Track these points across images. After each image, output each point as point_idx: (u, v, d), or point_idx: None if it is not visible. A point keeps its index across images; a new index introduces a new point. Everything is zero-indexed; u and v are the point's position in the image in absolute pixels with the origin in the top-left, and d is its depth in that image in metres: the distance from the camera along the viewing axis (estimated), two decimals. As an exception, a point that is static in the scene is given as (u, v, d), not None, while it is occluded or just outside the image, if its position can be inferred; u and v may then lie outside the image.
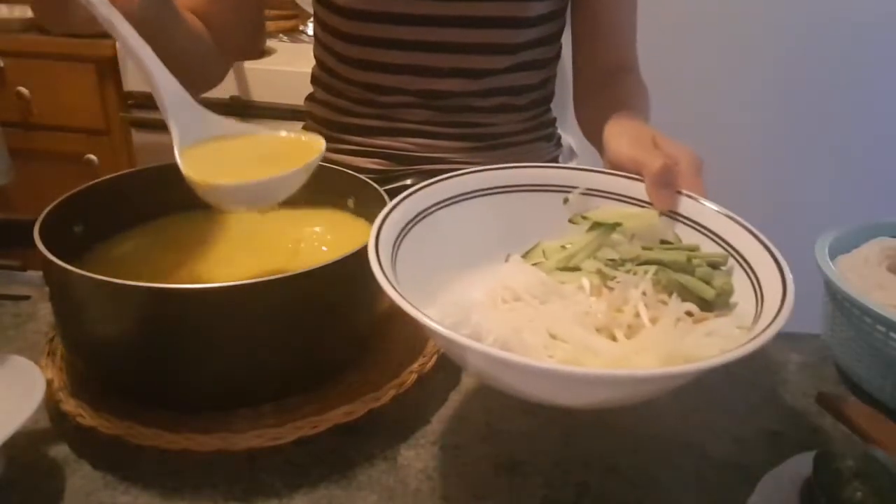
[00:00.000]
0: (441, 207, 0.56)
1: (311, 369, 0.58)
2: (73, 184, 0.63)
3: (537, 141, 0.95)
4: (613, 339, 0.48)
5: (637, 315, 0.49)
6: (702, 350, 0.46)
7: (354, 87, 0.89)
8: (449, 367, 0.63)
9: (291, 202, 0.72)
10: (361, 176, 0.68)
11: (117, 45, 1.68)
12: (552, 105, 0.99)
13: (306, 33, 1.92)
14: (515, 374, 0.42)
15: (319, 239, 0.69)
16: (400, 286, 0.45)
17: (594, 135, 0.85)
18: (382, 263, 0.47)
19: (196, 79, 0.80)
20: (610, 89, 0.85)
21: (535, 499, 0.51)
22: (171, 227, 0.69)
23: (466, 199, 0.58)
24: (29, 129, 1.82)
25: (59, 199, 0.61)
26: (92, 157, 1.82)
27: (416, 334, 0.65)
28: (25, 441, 0.52)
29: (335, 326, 0.58)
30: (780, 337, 0.69)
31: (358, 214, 0.70)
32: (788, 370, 0.66)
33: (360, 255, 0.56)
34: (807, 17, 1.77)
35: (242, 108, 1.66)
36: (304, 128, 0.99)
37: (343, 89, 0.90)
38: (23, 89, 1.77)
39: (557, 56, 0.94)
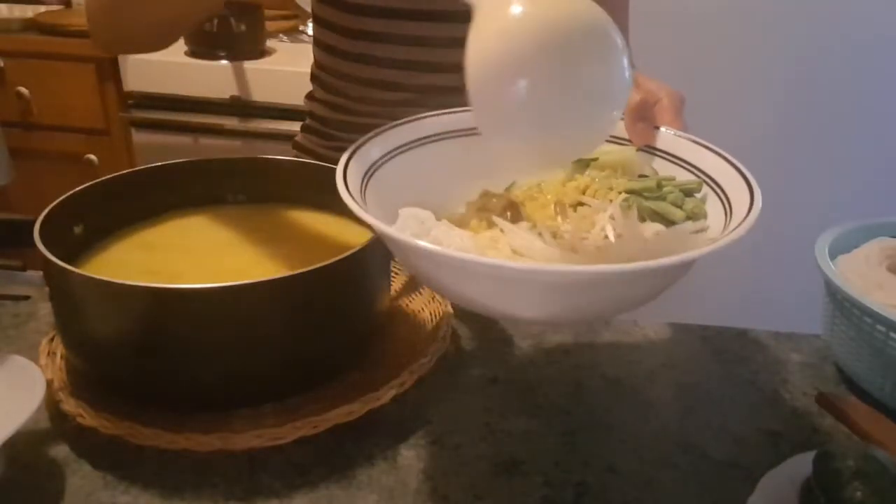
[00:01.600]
0: (416, 146, 0.55)
1: (311, 369, 0.58)
2: (73, 184, 0.63)
3: None
4: None
5: (605, 238, 0.48)
6: (663, 254, 0.44)
7: (353, 83, 0.89)
8: (449, 366, 0.63)
9: (291, 202, 0.72)
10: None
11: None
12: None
13: (306, 33, 1.92)
14: (463, 273, 0.41)
15: (319, 239, 0.69)
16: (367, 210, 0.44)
17: None
18: (349, 185, 0.46)
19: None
20: None
21: (535, 499, 0.51)
22: (170, 226, 0.69)
23: (442, 139, 0.57)
24: (29, 129, 1.82)
25: (59, 199, 0.61)
26: (92, 157, 1.82)
27: (416, 334, 0.65)
28: (25, 441, 0.52)
29: (335, 326, 0.58)
30: (780, 337, 0.70)
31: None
32: (788, 370, 0.66)
33: (360, 256, 0.56)
34: (807, 17, 1.77)
35: (242, 108, 1.66)
36: (303, 127, 0.99)
37: (342, 87, 0.90)
38: (23, 89, 1.77)
39: None
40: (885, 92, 1.82)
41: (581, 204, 0.52)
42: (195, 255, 0.65)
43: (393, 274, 0.70)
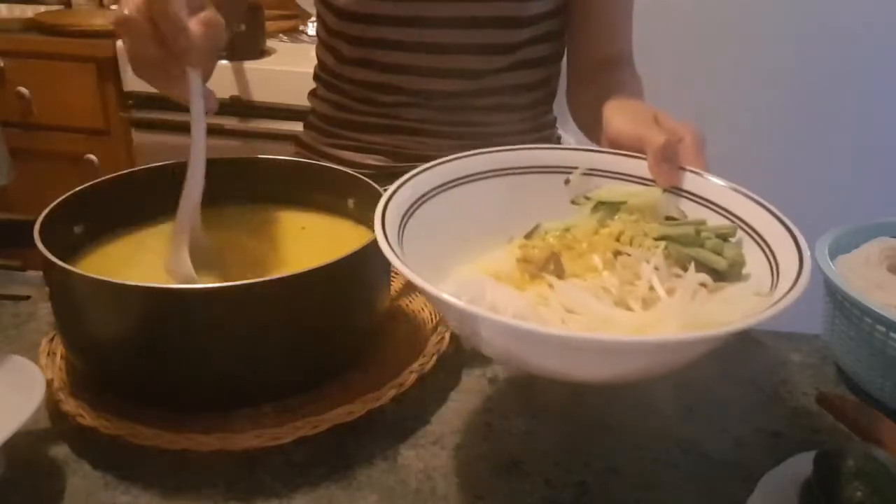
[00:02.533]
0: (442, 191, 0.55)
1: (311, 369, 0.58)
2: (73, 184, 0.63)
3: (536, 141, 0.95)
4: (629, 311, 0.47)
5: (651, 289, 0.48)
6: (722, 316, 0.44)
7: (354, 86, 0.89)
8: (449, 366, 0.63)
9: (291, 202, 0.72)
10: (362, 176, 0.68)
11: (118, 45, 1.69)
12: (553, 105, 0.99)
13: (306, 33, 1.92)
14: (536, 345, 0.41)
15: (319, 239, 0.69)
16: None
17: (585, 123, 0.85)
18: (391, 242, 0.46)
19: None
20: (604, 77, 0.85)
21: (535, 499, 0.51)
22: (170, 226, 0.69)
23: (466, 182, 0.57)
24: (29, 129, 1.82)
25: (59, 199, 0.61)
26: (92, 157, 1.82)
27: (416, 334, 0.65)
28: (25, 441, 0.52)
29: (335, 326, 0.58)
30: (780, 337, 0.70)
31: (358, 215, 0.70)
32: (788, 370, 0.66)
33: (360, 255, 0.56)
34: (807, 16, 1.77)
35: (242, 108, 1.66)
36: (306, 124, 0.99)
37: (344, 88, 0.91)
38: (23, 89, 1.77)
39: (559, 54, 0.94)
40: (885, 92, 1.82)
41: (619, 253, 0.52)
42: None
43: (393, 274, 0.70)
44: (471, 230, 0.55)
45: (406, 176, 0.54)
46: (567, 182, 0.59)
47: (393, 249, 0.45)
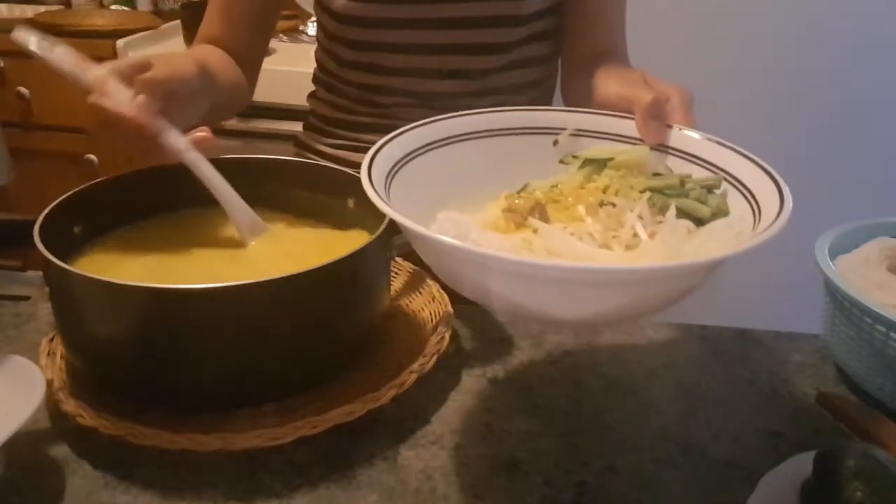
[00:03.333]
0: (429, 150, 0.55)
1: (312, 369, 0.58)
2: (73, 184, 0.63)
3: None
4: None
5: (635, 235, 0.48)
6: (704, 251, 0.45)
7: (353, 88, 0.89)
8: (449, 366, 0.63)
9: (291, 202, 0.72)
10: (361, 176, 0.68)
11: (118, 45, 1.69)
12: (552, 104, 0.99)
13: (306, 33, 1.91)
14: (516, 277, 0.41)
15: (319, 239, 0.69)
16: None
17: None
18: (376, 186, 0.46)
19: (234, 110, 0.92)
20: (596, 66, 0.85)
21: (535, 499, 0.51)
22: (171, 226, 0.69)
23: (455, 141, 0.57)
24: (29, 129, 1.82)
25: (59, 199, 0.61)
26: (92, 157, 1.82)
27: (416, 334, 0.65)
28: (25, 441, 0.52)
29: (335, 326, 0.58)
30: (780, 337, 0.70)
31: (358, 215, 0.70)
32: (788, 370, 0.66)
33: (360, 255, 0.56)
34: (807, 15, 1.77)
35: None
36: (305, 125, 0.99)
37: (342, 90, 0.91)
38: (23, 89, 1.77)
39: (556, 53, 0.94)
40: (886, 91, 1.82)
41: (605, 203, 0.52)
42: (195, 255, 0.65)
43: (393, 274, 0.70)
44: (459, 188, 0.55)
45: (394, 133, 0.54)
46: (556, 143, 0.59)
47: (378, 193, 0.45)
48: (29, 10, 1.91)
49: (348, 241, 0.61)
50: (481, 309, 0.72)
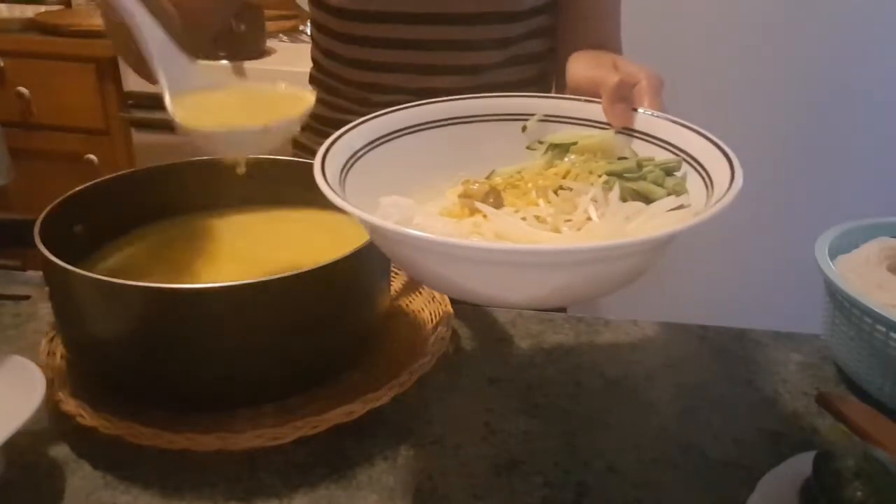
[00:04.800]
0: (397, 137, 0.55)
1: (312, 369, 0.58)
2: (73, 184, 0.63)
3: None
4: None
5: (588, 219, 0.48)
6: (647, 231, 0.45)
7: (350, 86, 0.89)
8: (449, 366, 0.63)
9: (290, 202, 0.72)
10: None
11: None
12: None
13: (306, 33, 1.92)
14: (451, 259, 0.40)
15: (319, 238, 0.69)
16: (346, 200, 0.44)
17: None
18: (327, 175, 0.46)
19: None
20: None
21: (535, 499, 0.51)
22: (170, 226, 0.69)
23: (423, 129, 0.57)
24: (29, 129, 1.82)
25: (59, 199, 0.61)
26: (92, 157, 1.82)
27: (416, 334, 0.65)
28: (25, 441, 0.52)
29: (335, 326, 0.58)
30: (780, 337, 0.70)
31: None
32: (788, 370, 0.66)
33: (360, 255, 0.56)
34: (807, 15, 1.77)
35: (242, 108, 1.66)
36: (304, 126, 0.99)
37: (340, 89, 0.91)
38: (23, 89, 1.77)
39: (553, 50, 0.94)
40: (886, 91, 1.82)
41: (562, 188, 0.52)
42: (195, 254, 0.65)
43: (393, 274, 0.70)
44: (426, 176, 0.54)
45: (355, 122, 0.53)
46: (524, 129, 0.59)
47: (324, 177, 0.45)
48: (29, 10, 1.91)
49: (348, 242, 0.61)
50: (481, 309, 0.72)
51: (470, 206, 0.51)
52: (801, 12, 1.77)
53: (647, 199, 0.50)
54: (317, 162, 0.48)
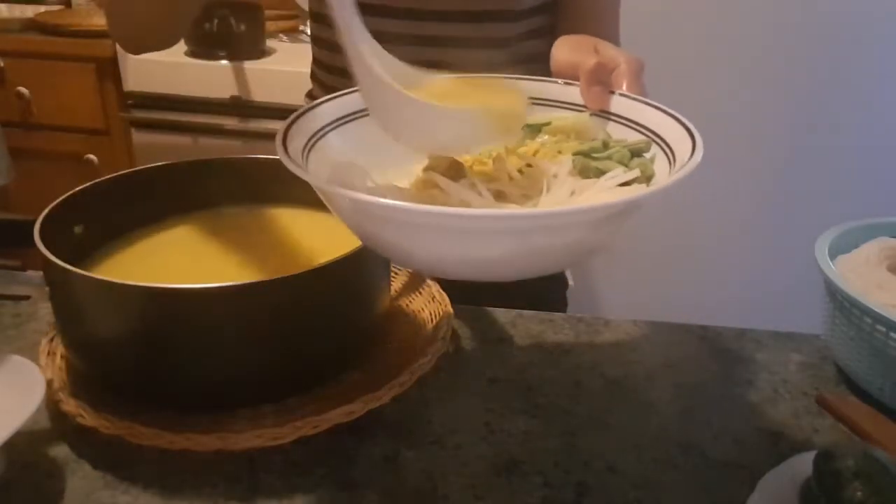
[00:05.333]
0: (364, 116, 0.54)
1: (312, 369, 0.58)
2: (73, 184, 0.63)
3: None
4: None
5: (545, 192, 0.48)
6: (586, 200, 0.45)
7: (350, 80, 0.89)
8: (449, 366, 0.63)
9: (291, 203, 0.72)
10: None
11: (118, 45, 1.69)
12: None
13: (306, 33, 1.92)
14: (394, 223, 0.41)
15: (318, 239, 0.69)
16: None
17: None
18: (289, 151, 0.46)
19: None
20: None
21: (535, 499, 0.51)
22: (170, 226, 0.69)
23: None
24: (29, 129, 1.82)
25: (59, 199, 0.61)
26: (92, 157, 1.82)
27: (416, 334, 0.65)
28: (25, 441, 0.52)
29: (335, 326, 0.58)
30: (780, 337, 0.70)
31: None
32: (788, 370, 0.66)
33: (360, 255, 0.56)
34: (806, 14, 1.77)
35: (242, 108, 1.66)
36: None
37: (340, 85, 0.90)
38: (23, 89, 1.77)
39: None
40: (886, 91, 1.82)
41: (527, 165, 0.52)
42: (195, 254, 0.65)
43: (393, 274, 0.70)
44: (393, 154, 0.53)
45: (322, 98, 0.53)
46: None
47: (284, 145, 0.45)
48: (29, 10, 1.91)
49: (347, 242, 0.61)
50: (481, 309, 0.72)
51: (431, 179, 0.50)
52: (802, 12, 1.77)
53: None
54: (278, 137, 0.47)
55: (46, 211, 0.58)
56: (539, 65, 0.91)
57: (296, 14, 1.99)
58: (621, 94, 0.55)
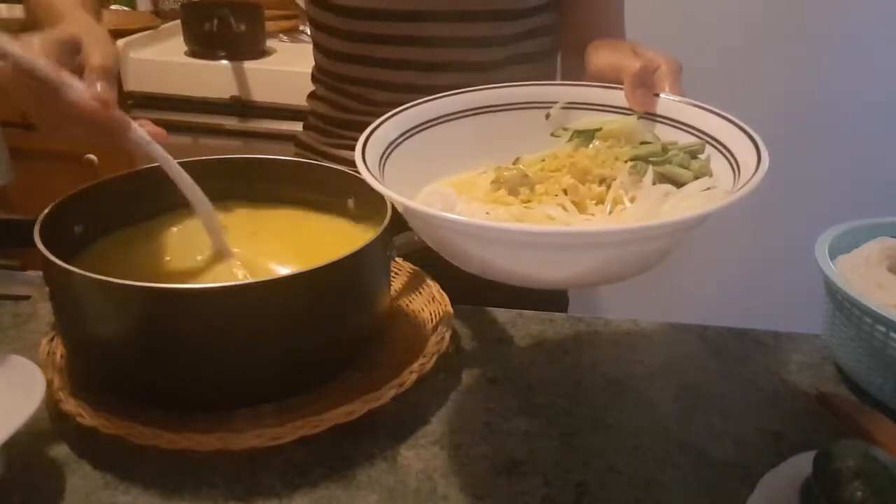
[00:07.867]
0: (423, 129, 0.57)
1: (312, 369, 0.58)
2: (73, 184, 0.63)
3: None
4: None
5: (619, 203, 0.50)
6: (681, 212, 0.46)
7: (351, 84, 0.89)
8: (449, 366, 0.63)
9: (291, 202, 0.72)
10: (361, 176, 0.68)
11: (118, 45, 1.68)
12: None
13: (306, 33, 1.91)
14: (495, 243, 0.43)
15: (319, 239, 0.69)
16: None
17: None
18: (370, 166, 0.48)
19: None
20: None
21: (535, 499, 0.51)
22: (171, 226, 0.69)
23: (448, 120, 0.58)
24: (29, 129, 1.82)
25: (59, 199, 0.61)
26: (92, 157, 1.82)
27: (416, 334, 0.65)
28: (25, 441, 0.52)
29: (335, 326, 0.58)
30: (780, 337, 0.70)
31: (358, 215, 0.70)
32: (788, 370, 0.66)
33: (360, 255, 0.56)
34: (806, 13, 1.77)
35: (242, 108, 1.66)
36: (305, 125, 0.99)
37: (340, 87, 0.91)
38: (23, 89, 1.77)
39: (555, 49, 0.94)
40: (886, 91, 1.82)
41: (590, 174, 0.53)
42: (195, 255, 0.65)
43: (393, 274, 0.70)
44: (452, 165, 0.56)
45: (389, 114, 0.55)
46: (548, 116, 0.60)
47: (371, 173, 0.47)
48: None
49: (348, 242, 0.61)
50: (481, 309, 0.72)
51: (502, 192, 0.52)
52: (802, 11, 1.77)
53: (675, 182, 0.51)
54: (357, 153, 0.49)
55: (46, 211, 0.58)
56: (538, 64, 0.91)
57: (296, 14, 1.99)
58: (666, 96, 0.57)
